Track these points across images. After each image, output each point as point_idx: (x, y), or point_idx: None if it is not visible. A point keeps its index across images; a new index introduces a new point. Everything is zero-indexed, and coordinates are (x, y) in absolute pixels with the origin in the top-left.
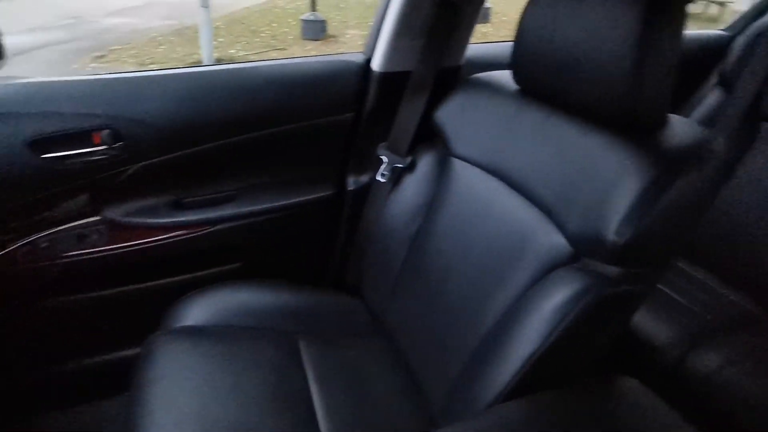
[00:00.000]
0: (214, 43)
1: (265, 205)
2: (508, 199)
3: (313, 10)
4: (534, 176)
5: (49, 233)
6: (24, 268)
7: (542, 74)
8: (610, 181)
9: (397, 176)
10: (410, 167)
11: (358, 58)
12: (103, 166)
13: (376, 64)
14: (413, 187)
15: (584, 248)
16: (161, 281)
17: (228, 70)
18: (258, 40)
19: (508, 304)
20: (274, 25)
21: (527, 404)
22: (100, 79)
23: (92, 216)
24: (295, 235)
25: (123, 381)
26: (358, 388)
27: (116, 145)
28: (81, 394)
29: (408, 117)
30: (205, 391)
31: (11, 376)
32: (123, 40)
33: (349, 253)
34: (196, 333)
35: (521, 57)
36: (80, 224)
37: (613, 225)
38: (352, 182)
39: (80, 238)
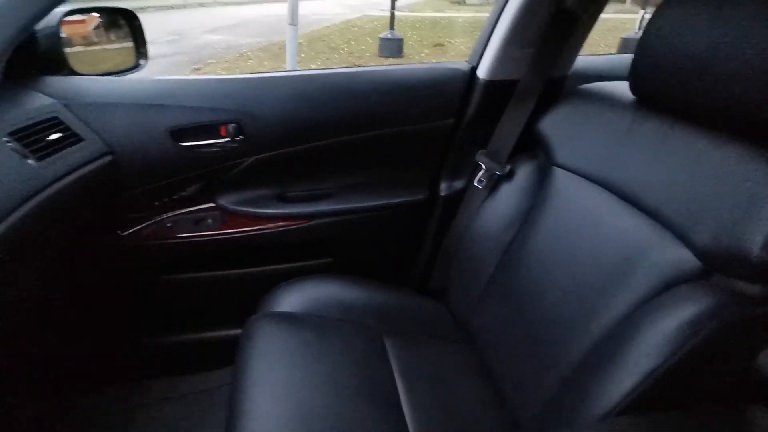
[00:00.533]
0: (297, 58)
1: (359, 204)
2: (619, 211)
3: (392, 29)
4: (652, 187)
5: (174, 214)
6: (149, 245)
7: (668, 83)
8: (754, 192)
9: (494, 183)
10: (509, 175)
11: (463, 66)
12: (224, 157)
13: (482, 72)
14: (510, 195)
15: (718, 264)
16: (260, 268)
17: (340, 73)
18: (337, 56)
19: (618, 317)
20: (352, 42)
21: (648, 421)
22: (230, 78)
23: (208, 202)
24: (385, 236)
25: (222, 357)
26: (443, 391)
27: (238, 138)
28: (186, 365)
29: (510, 125)
30: (300, 374)
31: (127, 343)
32: (217, 55)
33: (436, 257)
34: (291, 319)
35: (644, 65)
36: (198, 209)
37: (759, 239)
38: (445, 187)
39: (197, 221)
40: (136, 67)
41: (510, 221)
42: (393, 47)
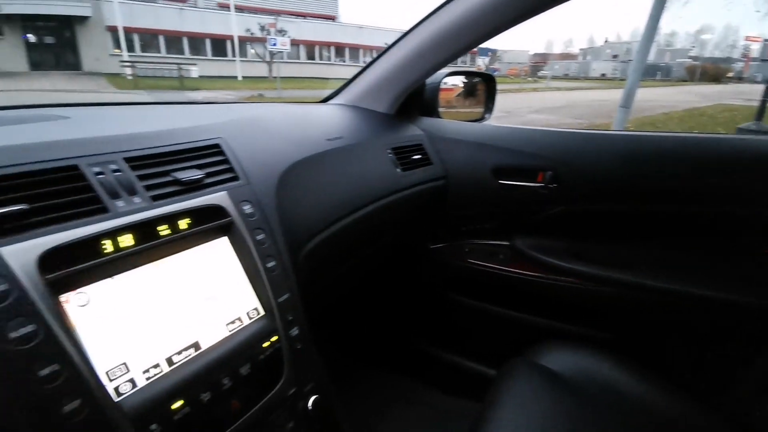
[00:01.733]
0: None
1: (665, 285)
2: None
3: (759, 120)
4: None
5: (472, 242)
6: (447, 262)
7: None
8: None
9: None
10: None
11: None
12: (535, 201)
13: None
14: None
15: None
16: (533, 317)
17: (679, 137)
18: None
19: None
20: (694, 132)
21: None
22: (552, 130)
23: (504, 239)
24: (691, 334)
25: (470, 389)
26: None
27: (552, 185)
28: (437, 381)
29: None
30: None
31: (398, 342)
32: None
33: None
34: (553, 377)
35: None
36: (494, 243)
37: None
38: None
39: (490, 254)
40: (481, 119)
41: None
42: None
